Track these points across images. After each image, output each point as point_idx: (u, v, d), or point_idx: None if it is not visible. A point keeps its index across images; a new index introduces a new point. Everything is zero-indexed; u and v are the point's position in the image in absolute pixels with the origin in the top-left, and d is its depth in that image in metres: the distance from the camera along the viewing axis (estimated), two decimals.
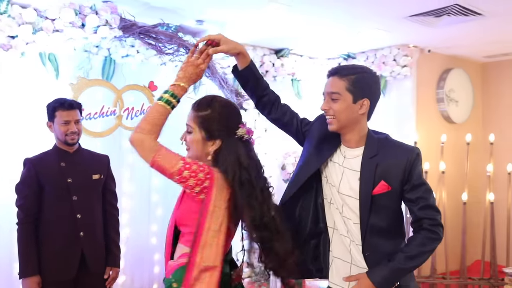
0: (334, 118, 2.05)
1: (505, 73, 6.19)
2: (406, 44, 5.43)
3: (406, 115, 5.58)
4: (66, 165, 2.75)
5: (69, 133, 2.73)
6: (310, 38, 5.29)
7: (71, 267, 2.70)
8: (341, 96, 2.03)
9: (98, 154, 3.02)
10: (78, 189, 2.73)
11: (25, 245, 2.65)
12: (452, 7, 4.12)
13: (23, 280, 2.64)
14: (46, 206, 2.67)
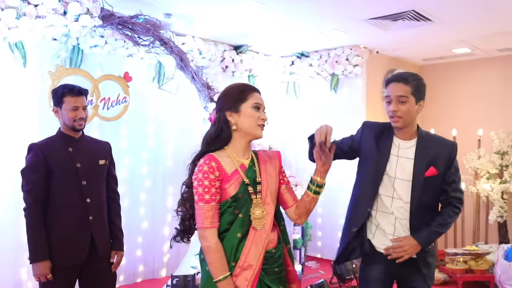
0: (401, 118, 2.41)
1: (440, 75, 6.81)
2: (357, 45, 5.83)
3: (356, 110, 5.99)
4: (73, 151, 2.74)
5: (77, 119, 2.73)
6: (269, 36, 5.53)
7: (81, 251, 2.70)
8: (408, 99, 2.40)
9: (100, 140, 3.03)
10: (86, 174, 2.74)
11: (35, 230, 2.61)
12: (408, 12, 4.54)
13: (34, 265, 2.59)
14: (55, 191, 2.65)
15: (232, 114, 2.05)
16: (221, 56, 5.70)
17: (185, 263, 4.71)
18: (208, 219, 1.95)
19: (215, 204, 1.97)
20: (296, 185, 4.76)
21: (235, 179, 2.02)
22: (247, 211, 2.02)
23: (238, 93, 2.07)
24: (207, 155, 2.02)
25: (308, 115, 6.42)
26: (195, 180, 1.98)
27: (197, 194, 1.97)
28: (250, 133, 2.07)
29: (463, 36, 5.43)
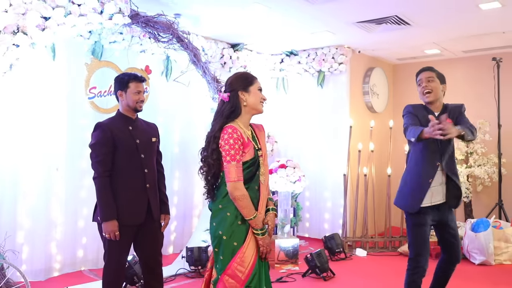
0: (431, 92, 3.29)
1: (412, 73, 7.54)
2: (342, 45, 6.50)
3: (341, 104, 6.66)
4: (132, 129, 3.21)
5: (139, 101, 3.23)
6: (264, 35, 6.10)
7: (141, 213, 3.17)
8: (434, 79, 3.32)
9: (149, 122, 3.51)
10: (144, 148, 3.22)
11: (105, 195, 3.06)
12: (392, 17, 5.22)
13: (105, 223, 3.03)
14: (120, 162, 3.11)
15: (243, 93, 2.62)
16: (221, 53, 6.24)
17: (195, 239, 5.23)
18: (239, 173, 2.50)
19: (241, 163, 2.53)
20: (294, 168, 5.35)
21: (251, 146, 2.58)
22: (258, 169, 2.61)
23: (248, 78, 2.67)
24: (231, 126, 2.54)
25: (296, 108, 7.06)
26: (227, 144, 2.50)
27: (229, 155, 2.49)
28: (255, 108, 2.65)
29: (435, 39, 6.19)
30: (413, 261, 3.33)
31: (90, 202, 4.96)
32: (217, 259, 2.58)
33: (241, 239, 2.53)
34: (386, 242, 6.26)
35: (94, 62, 4.27)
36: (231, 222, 2.52)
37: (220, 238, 2.53)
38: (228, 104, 2.62)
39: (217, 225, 2.56)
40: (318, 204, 6.82)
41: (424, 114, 3.29)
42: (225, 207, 2.55)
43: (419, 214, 3.31)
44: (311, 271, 4.87)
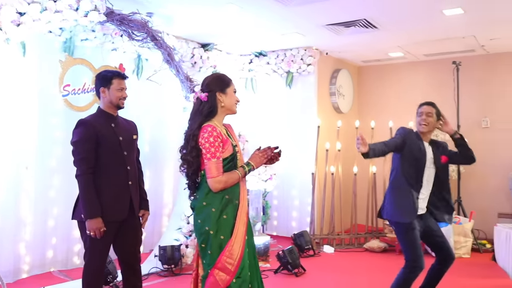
0: (427, 125, 3.68)
1: (376, 75, 7.84)
2: (311, 46, 6.65)
3: (309, 104, 6.81)
4: (115, 126, 3.21)
5: (122, 98, 3.24)
6: (235, 36, 6.16)
7: (124, 209, 3.17)
8: (433, 115, 3.70)
9: (128, 119, 3.50)
10: (126, 146, 3.22)
11: (89, 192, 3.03)
12: (361, 20, 5.39)
13: (89, 221, 3.01)
14: (104, 159, 3.10)
15: (221, 94, 2.71)
16: (191, 53, 6.26)
17: (167, 238, 5.23)
18: (220, 169, 2.61)
19: (221, 159, 2.63)
20: (266, 166, 5.44)
21: (229, 143, 2.68)
22: (236, 164, 2.71)
23: (225, 80, 2.78)
24: (210, 125, 2.63)
25: (264, 108, 7.16)
26: (207, 142, 2.59)
27: (210, 153, 2.59)
28: (230, 109, 2.76)
29: (400, 42, 6.43)
30: (412, 262, 3.56)
31: (60, 201, 4.91)
32: (205, 255, 2.63)
33: (228, 233, 2.60)
34: (352, 239, 6.45)
35: (68, 60, 4.22)
36: (217, 217, 2.59)
37: (207, 234, 2.60)
38: (206, 104, 2.70)
39: (203, 222, 2.62)
40: (286, 202, 6.95)
41: (414, 138, 3.69)
42: (209, 204, 2.62)
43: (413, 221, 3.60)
44: (283, 268, 4.97)
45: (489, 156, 6.66)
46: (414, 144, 3.65)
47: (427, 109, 3.72)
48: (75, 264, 5.01)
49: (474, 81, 6.98)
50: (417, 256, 3.53)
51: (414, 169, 3.63)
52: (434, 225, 3.72)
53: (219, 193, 2.62)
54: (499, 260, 5.31)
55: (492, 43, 6.34)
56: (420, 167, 3.63)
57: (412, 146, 3.64)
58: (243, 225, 2.65)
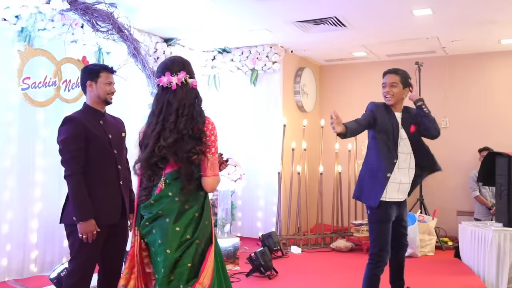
0: (393, 97, 3.47)
1: (338, 74, 7.86)
2: (276, 44, 6.54)
3: (274, 103, 6.71)
4: (104, 123, 2.97)
5: (110, 92, 2.99)
6: (199, 31, 5.95)
7: (116, 211, 2.95)
8: (397, 84, 3.47)
9: (115, 116, 3.23)
10: (116, 143, 2.99)
11: (80, 193, 2.79)
12: (331, 18, 5.34)
13: (81, 223, 2.76)
14: (94, 158, 2.84)
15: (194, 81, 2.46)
16: (154, 47, 5.99)
17: None
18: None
19: None
20: (235, 166, 5.27)
21: None
22: None
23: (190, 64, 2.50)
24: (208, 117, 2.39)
25: (228, 106, 6.98)
26: (213, 135, 2.35)
27: (215, 147, 2.35)
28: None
29: (365, 42, 6.45)
30: (376, 256, 3.42)
31: (14, 205, 4.52)
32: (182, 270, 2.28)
33: (208, 240, 2.37)
34: (318, 239, 6.40)
35: (28, 50, 3.87)
36: (201, 223, 2.34)
37: (190, 243, 2.29)
38: (193, 91, 2.42)
39: (184, 229, 2.31)
40: (250, 202, 6.80)
41: (383, 112, 3.48)
42: (192, 207, 2.34)
43: (386, 209, 3.44)
44: (255, 270, 4.82)
45: (449, 155, 6.81)
46: (383, 117, 3.46)
47: (390, 79, 3.48)
48: (32, 272, 4.63)
49: (434, 82, 7.13)
50: (383, 250, 3.43)
51: (387, 144, 3.41)
52: (405, 215, 3.62)
53: (201, 196, 2.35)
54: (464, 257, 5.41)
55: (452, 44, 6.48)
56: (393, 140, 3.42)
57: (382, 120, 3.45)
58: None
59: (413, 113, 3.52)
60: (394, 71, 3.52)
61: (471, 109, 7.04)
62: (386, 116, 3.46)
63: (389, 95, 3.48)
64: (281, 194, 6.32)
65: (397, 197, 3.48)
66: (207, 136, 2.34)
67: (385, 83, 3.52)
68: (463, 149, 6.92)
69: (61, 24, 4.63)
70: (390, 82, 3.48)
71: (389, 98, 3.48)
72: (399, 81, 3.47)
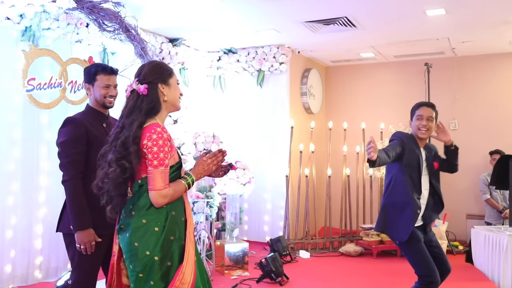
0: (428, 131, 3.39)
1: (344, 76, 7.75)
2: (283, 44, 6.42)
3: (281, 105, 6.58)
4: (107, 126, 2.80)
5: (108, 96, 2.80)
6: (205, 31, 5.82)
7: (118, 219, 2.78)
8: (433, 119, 3.41)
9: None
10: None
11: (79, 200, 2.62)
12: (341, 18, 5.23)
13: (79, 233, 2.60)
14: (95, 163, 2.68)
15: (163, 86, 2.25)
16: (159, 47, 5.86)
17: None
18: (166, 180, 2.15)
19: (169, 168, 2.18)
20: (244, 169, 5.15)
21: (175, 149, 2.27)
22: (180, 173, 2.29)
23: (168, 69, 2.32)
24: (157, 124, 2.18)
25: (234, 108, 6.87)
26: (155, 146, 2.12)
27: (158, 159, 2.12)
28: (174, 105, 2.33)
29: (373, 43, 6.34)
30: (427, 278, 3.28)
31: (18, 209, 4.39)
32: (142, 285, 2.13)
33: (176, 258, 2.15)
34: (326, 243, 6.28)
35: (33, 50, 3.73)
36: (162, 239, 2.12)
37: (149, 260, 2.11)
38: (146, 99, 2.21)
39: (142, 245, 2.12)
40: (257, 206, 6.68)
41: (412, 145, 3.40)
42: (151, 221, 2.14)
43: (416, 234, 3.32)
44: (266, 276, 4.70)
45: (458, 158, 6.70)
46: (411, 151, 3.34)
47: (428, 112, 3.39)
48: (37, 279, 4.50)
49: (442, 83, 7.03)
50: (430, 270, 3.25)
51: (412, 178, 3.32)
52: (432, 235, 3.49)
53: (163, 209, 2.16)
54: (477, 262, 5.30)
55: (462, 45, 6.38)
56: (418, 176, 3.34)
57: (410, 153, 3.34)
58: (193, 247, 2.20)
59: (433, 150, 3.50)
60: (431, 106, 3.47)
61: (481, 111, 6.94)
62: (413, 150, 3.38)
63: (424, 129, 3.38)
64: (289, 198, 6.20)
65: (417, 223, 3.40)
66: (145, 145, 2.15)
67: (421, 115, 3.40)
68: (473, 152, 6.81)
69: (66, 23, 4.51)
70: (428, 116, 3.39)
71: (424, 132, 3.38)
72: (435, 116, 3.42)
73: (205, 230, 4.78)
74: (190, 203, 2.39)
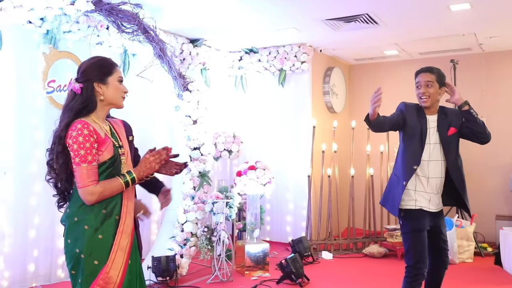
0: (429, 97, 3.17)
1: (368, 74, 7.62)
2: (305, 43, 6.36)
3: (303, 104, 6.52)
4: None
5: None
6: (225, 31, 5.80)
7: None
8: (433, 83, 3.17)
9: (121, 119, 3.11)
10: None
11: None
12: (362, 15, 5.13)
13: None
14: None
15: (100, 85, 2.21)
16: (180, 48, 5.88)
17: (158, 247, 4.85)
18: (91, 177, 2.11)
19: (95, 164, 2.14)
20: (264, 169, 5.11)
21: (108, 143, 2.20)
22: (119, 170, 2.24)
23: (107, 66, 2.26)
24: (80, 121, 2.14)
25: (255, 108, 6.84)
26: (75, 143, 2.09)
27: (78, 156, 2.09)
28: (114, 104, 2.29)
29: (397, 40, 6.20)
30: (413, 269, 3.17)
31: (42, 209, 4.47)
32: (75, 284, 2.16)
33: (104, 257, 2.12)
34: (349, 244, 6.19)
35: (53, 52, 3.80)
36: (90, 237, 2.11)
37: (77, 258, 2.11)
38: (79, 98, 2.18)
39: (73, 242, 2.13)
40: (279, 206, 6.63)
41: (415, 114, 3.23)
42: (82, 220, 2.13)
43: (418, 219, 3.19)
44: (286, 277, 4.65)
45: (487, 157, 6.52)
46: (413, 120, 3.18)
47: (425, 77, 3.17)
48: (59, 278, 4.57)
49: (470, 80, 6.82)
50: (420, 262, 3.15)
51: (412, 149, 3.15)
52: (443, 227, 3.31)
53: (94, 206, 2.13)
54: (506, 264, 5.13)
55: (490, 41, 6.18)
56: (419, 145, 3.14)
57: (411, 122, 3.18)
58: (123, 248, 2.16)
59: (451, 114, 3.22)
60: (428, 69, 3.22)
61: (510, 109, 6.71)
62: (416, 119, 3.21)
63: (425, 96, 3.17)
64: (311, 198, 6.13)
65: (427, 206, 3.20)
66: (67, 144, 2.13)
67: (419, 82, 3.21)
68: (502, 150, 6.60)
69: (86, 26, 4.57)
70: (425, 81, 3.17)
71: (425, 100, 3.18)
72: (435, 79, 3.17)
73: (224, 231, 4.76)
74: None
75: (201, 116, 4.95)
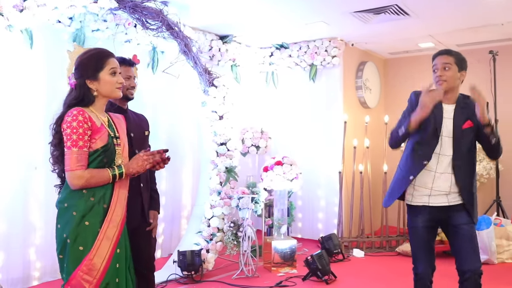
0: (446, 81, 2.87)
1: (404, 68, 7.41)
2: (335, 37, 6.25)
3: (334, 99, 6.41)
4: (126, 120, 2.71)
5: (130, 87, 2.87)
6: (255, 27, 5.78)
7: (136, 215, 2.78)
8: (452, 66, 2.88)
9: (138, 113, 3.13)
10: (137, 143, 2.80)
11: None
12: (392, 6, 4.98)
13: None
14: None
15: (92, 82, 2.24)
16: (209, 45, 5.91)
17: (186, 242, 4.89)
18: (80, 161, 2.14)
19: (86, 150, 2.16)
20: (291, 165, 5.05)
21: (103, 132, 2.23)
22: (112, 160, 2.27)
23: (95, 62, 2.26)
24: (76, 108, 2.17)
25: (287, 104, 6.79)
26: (69, 128, 2.13)
27: (70, 141, 2.13)
28: (110, 96, 2.32)
29: (431, 31, 5.99)
30: (413, 269, 3.03)
31: None
32: (62, 268, 2.19)
33: (89, 244, 2.14)
34: (382, 242, 6.03)
35: (77, 49, 3.91)
36: (77, 223, 2.14)
37: (64, 242, 2.15)
38: (74, 94, 2.25)
39: (62, 227, 2.18)
40: (311, 203, 6.55)
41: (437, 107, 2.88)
42: (71, 206, 2.17)
43: (411, 215, 3.00)
44: (312, 274, 4.58)
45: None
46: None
47: (443, 59, 2.87)
48: None
49: (511, 72, 6.51)
50: (416, 260, 2.99)
51: (424, 142, 2.88)
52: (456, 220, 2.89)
53: (84, 194, 2.16)
54: None
55: None
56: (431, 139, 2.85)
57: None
58: (110, 237, 2.19)
59: (471, 106, 2.85)
60: (446, 52, 2.94)
61: None
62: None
63: (441, 79, 2.86)
64: (343, 195, 6.02)
65: (427, 201, 2.92)
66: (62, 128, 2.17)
67: (436, 65, 2.91)
68: None
69: (114, 24, 4.67)
70: (442, 63, 2.87)
71: (441, 83, 2.86)
72: (453, 62, 2.88)
73: (250, 226, 4.74)
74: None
75: (228, 111, 4.95)
